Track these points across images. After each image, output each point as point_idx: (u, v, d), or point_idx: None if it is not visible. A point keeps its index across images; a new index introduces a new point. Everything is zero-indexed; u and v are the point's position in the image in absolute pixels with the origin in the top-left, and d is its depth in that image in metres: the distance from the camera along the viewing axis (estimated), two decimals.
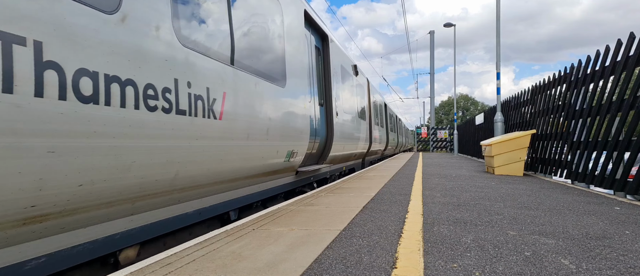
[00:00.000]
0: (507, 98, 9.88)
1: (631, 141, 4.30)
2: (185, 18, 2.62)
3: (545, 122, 6.95)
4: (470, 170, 7.96)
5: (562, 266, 1.78)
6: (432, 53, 30.72)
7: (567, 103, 6.06)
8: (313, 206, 3.50)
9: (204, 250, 2.07)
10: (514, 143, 6.79)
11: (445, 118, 67.15)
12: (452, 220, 2.84)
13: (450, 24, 21.30)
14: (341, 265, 1.81)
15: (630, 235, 2.35)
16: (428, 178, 6.14)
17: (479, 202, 3.67)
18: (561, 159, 6.18)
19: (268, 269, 1.76)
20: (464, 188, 4.83)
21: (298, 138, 4.63)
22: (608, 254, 1.97)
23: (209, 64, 2.77)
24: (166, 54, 2.33)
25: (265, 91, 3.72)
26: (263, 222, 2.80)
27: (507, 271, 1.71)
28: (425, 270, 1.74)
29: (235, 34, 3.24)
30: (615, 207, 3.44)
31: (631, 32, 4.46)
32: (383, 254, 1.98)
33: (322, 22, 6.32)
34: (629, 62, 4.51)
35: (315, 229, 2.55)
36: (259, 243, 2.21)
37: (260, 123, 3.58)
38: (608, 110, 4.84)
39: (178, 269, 1.77)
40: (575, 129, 5.76)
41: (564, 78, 6.32)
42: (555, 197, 4.02)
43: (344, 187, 4.99)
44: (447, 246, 2.12)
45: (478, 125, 14.98)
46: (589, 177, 5.17)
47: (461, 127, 22.19)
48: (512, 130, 9.12)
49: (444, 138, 27.87)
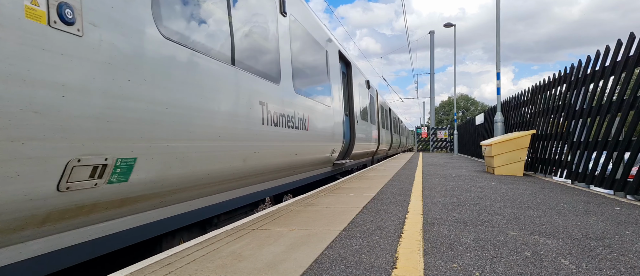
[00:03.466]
0: (507, 99, 9.88)
1: (631, 141, 4.29)
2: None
3: (546, 122, 6.94)
4: (470, 170, 7.96)
5: (562, 266, 1.78)
6: (432, 53, 30.72)
7: (567, 103, 6.06)
8: (313, 206, 3.50)
9: (204, 250, 2.07)
10: (514, 143, 6.79)
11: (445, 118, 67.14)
12: (452, 220, 2.84)
13: (450, 24, 21.29)
14: (341, 265, 1.81)
15: (631, 235, 2.35)
16: (428, 178, 6.13)
17: (479, 202, 3.67)
18: (561, 159, 6.18)
19: (268, 269, 1.76)
20: (464, 188, 4.83)
21: (337, 140, 6.47)
22: (608, 254, 1.97)
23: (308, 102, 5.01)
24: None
25: (325, 110, 5.85)
26: (263, 222, 2.80)
27: (507, 272, 1.71)
28: (425, 270, 1.74)
29: (313, 81, 5.44)
30: (615, 207, 3.43)
31: (631, 32, 4.46)
32: (383, 254, 1.98)
33: (346, 53, 8.40)
34: (629, 62, 4.51)
35: (315, 229, 2.55)
36: (259, 243, 2.21)
37: (324, 130, 5.72)
38: (608, 110, 4.84)
39: (178, 269, 1.77)
40: (575, 129, 5.76)
41: (564, 79, 6.32)
42: (555, 197, 4.02)
43: (344, 187, 4.99)
44: (447, 246, 2.12)
45: (478, 125, 14.97)
46: (589, 177, 5.17)
47: (461, 127, 22.19)
48: (512, 130, 9.11)
49: (444, 138, 27.86)
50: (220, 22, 2.93)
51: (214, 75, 2.75)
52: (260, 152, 3.45)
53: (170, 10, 2.35)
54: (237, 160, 3.09)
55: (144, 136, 2.01)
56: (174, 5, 2.40)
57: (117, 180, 1.90)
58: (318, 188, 4.98)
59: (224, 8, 2.99)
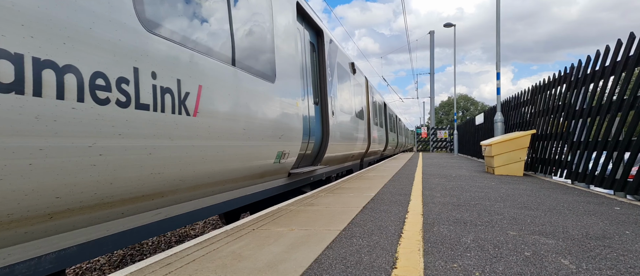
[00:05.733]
0: (507, 99, 9.88)
1: (631, 141, 4.29)
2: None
3: (545, 122, 6.94)
4: (470, 170, 7.96)
5: (562, 266, 1.78)
6: (432, 53, 30.73)
7: (567, 103, 6.06)
8: (313, 206, 3.50)
9: (204, 250, 2.07)
10: (514, 143, 6.79)
11: (445, 118, 67.13)
12: (452, 220, 2.84)
13: (450, 24, 21.30)
14: (341, 265, 1.81)
15: (631, 235, 2.35)
16: (428, 178, 6.13)
17: (479, 202, 3.67)
18: (561, 159, 6.18)
19: (268, 269, 1.75)
20: (464, 188, 4.83)
21: (289, 138, 4.35)
22: (608, 254, 1.97)
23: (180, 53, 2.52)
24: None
25: (252, 87, 3.48)
26: (263, 222, 2.80)
27: (507, 272, 1.71)
28: (425, 270, 1.74)
29: (224, 30, 3.13)
30: (615, 207, 3.43)
31: (631, 32, 4.46)
32: (383, 254, 1.98)
33: (317, 17, 6.03)
34: (629, 62, 4.51)
35: (315, 229, 2.55)
36: (259, 243, 2.21)
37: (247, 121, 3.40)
38: (608, 110, 4.84)
39: (178, 269, 1.77)
40: (575, 129, 5.76)
41: (564, 79, 6.32)
42: (555, 197, 4.02)
43: (344, 187, 4.99)
44: (447, 246, 2.12)
45: (478, 125, 14.97)
46: (589, 177, 5.17)
47: (461, 127, 22.18)
48: (512, 130, 9.12)
49: (443, 138, 27.86)
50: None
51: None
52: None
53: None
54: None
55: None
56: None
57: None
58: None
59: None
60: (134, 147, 2.07)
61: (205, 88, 2.70)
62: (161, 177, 2.31)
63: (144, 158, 2.14)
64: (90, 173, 1.84)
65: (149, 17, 2.24)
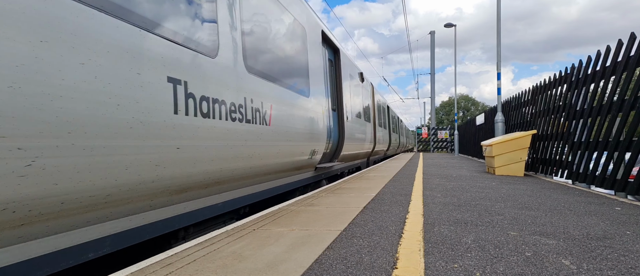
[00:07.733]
0: (508, 99, 9.87)
1: (632, 141, 4.29)
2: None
3: (546, 122, 6.94)
4: (471, 171, 7.95)
5: (563, 266, 1.78)
6: (433, 53, 30.70)
7: (568, 103, 6.06)
8: (314, 206, 3.50)
9: (204, 250, 2.07)
10: (515, 143, 6.79)
11: (445, 118, 67.10)
12: (452, 220, 2.84)
13: (451, 25, 21.25)
14: (342, 265, 1.81)
15: (631, 236, 2.35)
16: (429, 179, 6.13)
17: (480, 203, 3.67)
18: (562, 159, 6.17)
19: (268, 269, 1.76)
20: (464, 188, 4.83)
21: (318, 139, 5.53)
22: (609, 254, 1.97)
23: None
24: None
25: (297, 102, 4.72)
26: (264, 222, 2.80)
27: (508, 272, 1.71)
28: (425, 270, 1.74)
29: (284, 64, 4.42)
30: (616, 207, 3.43)
31: (632, 32, 4.45)
32: (384, 254, 1.97)
33: (334, 37, 7.19)
34: (629, 63, 4.50)
35: (315, 229, 2.55)
36: (259, 243, 2.21)
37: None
38: (609, 111, 4.84)
39: (179, 269, 1.77)
40: (576, 129, 5.75)
41: (565, 79, 6.31)
42: (556, 198, 4.01)
43: (344, 187, 4.99)
44: (448, 246, 2.12)
45: (479, 125, 14.96)
46: (589, 177, 5.16)
47: (462, 127, 22.17)
48: (512, 130, 9.11)
49: (444, 138, 27.84)
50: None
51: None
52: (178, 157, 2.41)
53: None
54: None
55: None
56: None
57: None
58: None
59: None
60: (242, 146, 3.23)
61: (274, 107, 3.91)
62: (256, 166, 3.57)
63: (247, 153, 3.32)
64: (232, 161, 3.10)
65: (249, 64, 3.46)
